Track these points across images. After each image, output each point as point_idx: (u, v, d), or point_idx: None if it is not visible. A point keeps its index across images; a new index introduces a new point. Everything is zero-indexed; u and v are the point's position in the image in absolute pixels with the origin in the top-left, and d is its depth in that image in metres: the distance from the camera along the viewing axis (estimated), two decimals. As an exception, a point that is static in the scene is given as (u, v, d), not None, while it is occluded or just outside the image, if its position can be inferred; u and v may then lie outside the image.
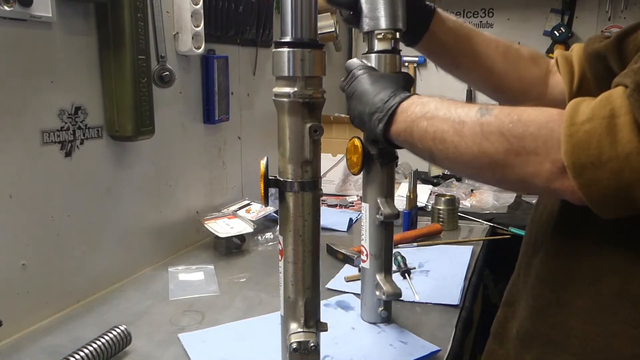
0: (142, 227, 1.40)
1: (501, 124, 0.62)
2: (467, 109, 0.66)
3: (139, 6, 1.19)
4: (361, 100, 0.80)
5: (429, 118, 0.69)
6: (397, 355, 0.99)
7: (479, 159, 0.64)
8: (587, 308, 0.69)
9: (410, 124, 0.72)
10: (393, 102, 0.75)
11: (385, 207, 1.01)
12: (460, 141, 0.65)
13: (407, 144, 0.74)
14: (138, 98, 1.23)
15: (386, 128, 0.75)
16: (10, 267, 1.05)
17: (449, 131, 0.67)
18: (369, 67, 0.87)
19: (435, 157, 0.70)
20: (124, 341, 0.99)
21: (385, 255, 1.05)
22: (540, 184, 0.61)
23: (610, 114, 0.55)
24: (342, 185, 2.22)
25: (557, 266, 0.73)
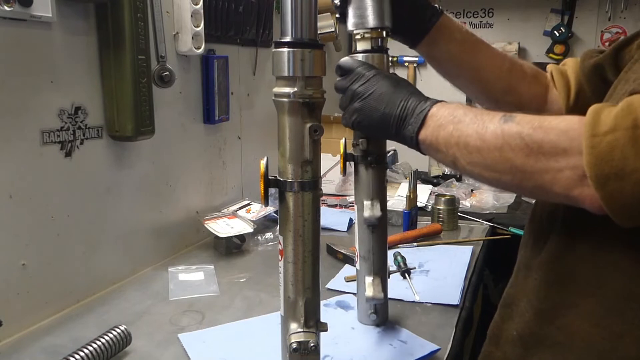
0: (142, 227, 1.40)
1: (522, 130, 0.63)
2: (492, 116, 0.67)
3: (139, 6, 1.19)
4: (386, 102, 0.78)
5: (456, 123, 0.70)
6: (397, 354, 0.99)
7: (500, 164, 0.65)
8: (593, 310, 0.69)
9: (437, 129, 0.72)
10: (424, 107, 0.75)
11: (367, 210, 1.00)
12: (483, 145, 0.66)
13: (432, 148, 0.74)
14: (138, 98, 1.23)
15: (417, 132, 0.74)
16: (10, 267, 1.05)
17: (472, 135, 0.67)
18: (374, 66, 0.85)
19: (458, 162, 0.70)
20: (124, 341, 0.99)
21: (374, 258, 1.04)
22: (559, 191, 0.61)
23: (633, 125, 0.55)
24: (342, 185, 2.22)
25: (561, 268, 0.73)
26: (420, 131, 0.74)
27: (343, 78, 0.84)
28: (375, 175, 1.01)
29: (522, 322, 0.78)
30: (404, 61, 2.99)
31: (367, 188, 1.01)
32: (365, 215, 1.00)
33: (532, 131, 0.62)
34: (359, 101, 0.80)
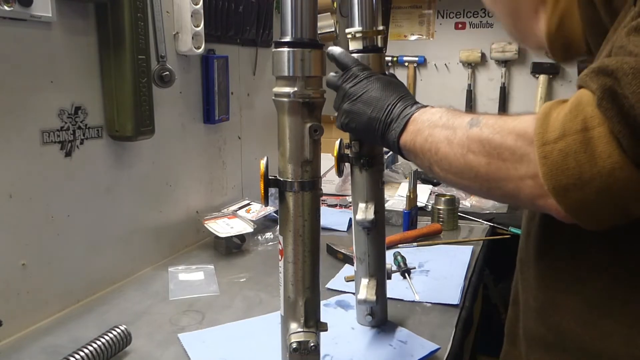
0: (142, 227, 1.40)
1: (482, 135, 0.60)
2: (462, 119, 0.65)
3: (139, 6, 1.19)
4: (374, 105, 0.77)
5: (432, 128, 0.69)
6: (397, 355, 0.99)
7: (465, 172, 0.63)
8: (579, 309, 0.67)
9: (415, 134, 0.71)
10: (409, 111, 0.74)
11: (361, 212, 1.00)
12: (450, 152, 0.64)
13: (411, 154, 0.73)
14: (138, 98, 1.23)
15: (398, 138, 0.74)
16: (10, 267, 1.05)
17: (443, 141, 0.66)
18: (368, 67, 0.85)
19: (432, 168, 0.69)
20: (124, 341, 0.99)
21: (369, 260, 1.04)
22: (525, 200, 0.58)
23: (582, 127, 0.52)
24: (342, 185, 2.22)
25: (546, 266, 0.72)
26: (402, 136, 0.73)
27: (336, 75, 0.83)
28: (370, 177, 1.01)
29: (524, 321, 0.78)
30: (403, 61, 2.99)
31: (362, 190, 1.02)
32: (358, 218, 1.00)
33: (492, 135, 0.59)
34: (349, 103, 0.79)
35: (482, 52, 2.80)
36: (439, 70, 2.93)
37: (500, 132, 0.59)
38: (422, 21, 2.94)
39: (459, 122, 0.65)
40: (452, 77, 2.90)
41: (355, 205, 1.03)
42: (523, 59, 2.75)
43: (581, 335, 0.67)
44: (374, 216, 1.00)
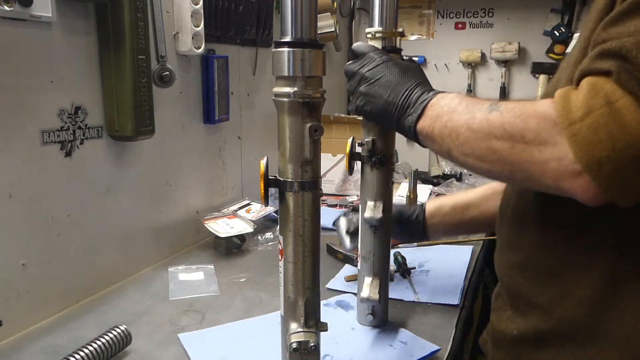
0: (142, 227, 1.40)
1: (504, 119, 0.62)
2: (482, 104, 0.66)
3: (139, 6, 1.19)
4: (391, 89, 0.77)
5: (450, 113, 0.69)
6: (397, 355, 0.99)
7: (487, 156, 0.64)
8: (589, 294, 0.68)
9: (434, 119, 0.71)
10: (426, 97, 0.74)
11: (369, 210, 1.00)
12: (471, 136, 0.65)
13: (429, 139, 0.73)
14: (138, 98, 1.23)
15: (415, 123, 0.74)
16: (10, 267, 1.05)
17: (463, 126, 0.66)
18: (385, 52, 0.84)
19: (452, 153, 0.69)
20: (124, 341, 0.99)
21: (374, 259, 1.04)
22: (549, 182, 0.60)
23: (606, 102, 0.54)
24: (342, 185, 2.22)
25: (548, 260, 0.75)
26: (419, 121, 0.73)
27: (354, 61, 0.83)
28: (380, 176, 1.01)
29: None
30: (404, 61, 2.99)
31: (372, 189, 1.02)
32: (366, 216, 1.00)
33: (514, 120, 0.61)
34: (365, 85, 0.79)
35: (482, 52, 2.80)
36: (439, 70, 2.93)
37: (521, 115, 0.60)
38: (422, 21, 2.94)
39: (479, 108, 0.66)
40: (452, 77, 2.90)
41: (364, 203, 1.03)
42: (523, 59, 2.74)
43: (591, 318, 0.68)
44: (382, 215, 1.00)
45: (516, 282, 0.79)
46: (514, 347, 0.79)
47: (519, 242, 0.79)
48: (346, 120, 2.31)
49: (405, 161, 2.53)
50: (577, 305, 0.70)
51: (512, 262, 0.81)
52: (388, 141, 1.01)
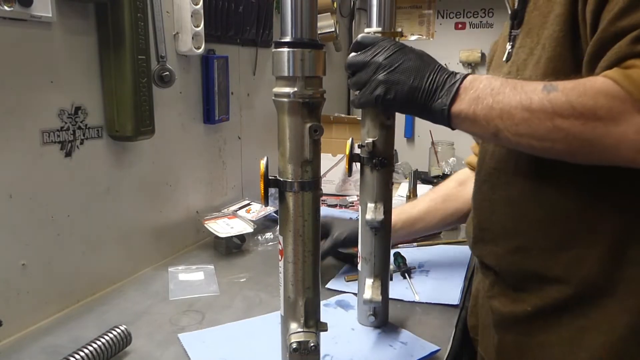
0: (142, 227, 1.40)
1: (569, 98, 0.64)
2: (533, 86, 0.67)
3: (139, 6, 1.19)
4: (415, 74, 0.75)
5: (495, 95, 0.69)
6: (397, 355, 0.99)
7: (553, 133, 0.65)
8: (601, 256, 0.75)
9: (474, 101, 0.71)
10: (455, 79, 0.73)
11: (370, 212, 1.00)
12: (531, 117, 0.66)
13: (469, 121, 0.73)
14: (138, 98, 1.23)
15: (450, 106, 0.73)
16: (10, 267, 1.05)
17: (517, 107, 0.67)
18: (397, 40, 0.83)
19: (501, 133, 0.69)
20: (124, 341, 0.99)
21: (375, 260, 1.04)
22: (626, 153, 0.63)
23: None
24: (342, 185, 2.22)
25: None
26: (454, 104, 0.73)
27: (362, 52, 0.80)
28: (381, 178, 1.01)
29: None
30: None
31: (372, 190, 1.01)
32: (368, 217, 1.00)
33: (581, 98, 0.63)
34: (385, 73, 0.77)
35: (482, 52, 2.80)
36: (439, 70, 2.93)
37: (587, 94, 0.63)
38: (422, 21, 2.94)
39: (531, 89, 0.67)
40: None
41: (364, 205, 1.02)
42: (523, 59, 2.75)
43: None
44: (383, 216, 1.00)
45: (522, 264, 0.82)
46: (529, 322, 0.82)
47: (519, 227, 0.82)
48: (346, 121, 2.31)
49: (405, 161, 2.53)
50: (594, 266, 0.74)
51: (514, 247, 0.83)
52: (388, 142, 1.00)
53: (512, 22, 0.89)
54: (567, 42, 0.73)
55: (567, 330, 0.78)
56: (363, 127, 1.01)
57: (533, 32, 0.81)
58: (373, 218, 0.99)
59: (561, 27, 0.73)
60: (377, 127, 0.99)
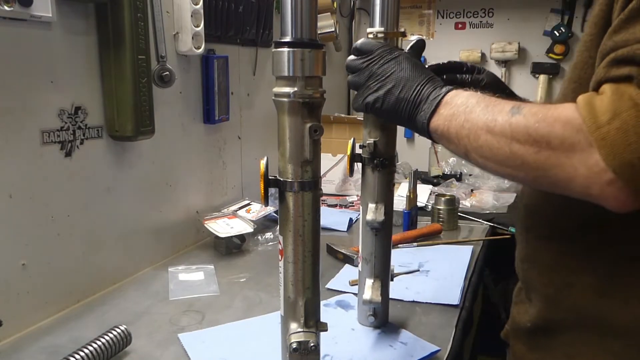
0: (142, 227, 1.40)
1: (528, 123, 0.60)
2: (502, 106, 0.64)
3: (139, 6, 1.19)
4: (403, 85, 0.75)
5: (467, 113, 0.67)
6: (397, 355, 0.99)
7: (511, 160, 0.62)
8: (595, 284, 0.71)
9: (449, 118, 0.69)
10: (439, 94, 0.72)
11: (371, 213, 1.00)
12: (492, 140, 0.63)
13: (444, 139, 0.72)
14: (138, 98, 1.23)
15: (429, 120, 0.72)
16: (10, 267, 1.05)
17: (482, 128, 0.65)
18: (395, 48, 0.83)
19: (469, 155, 0.68)
20: (124, 341, 0.99)
21: (375, 261, 1.04)
22: (578, 189, 0.58)
23: (633, 104, 0.53)
24: (342, 185, 2.22)
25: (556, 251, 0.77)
26: (432, 119, 0.72)
27: (360, 57, 0.81)
28: (382, 179, 1.01)
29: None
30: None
31: (373, 191, 1.01)
32: (368, 218, 1.00)
33: (538, 125, 0.59)
34: (376, 82, 0.77)
35: (482, 52, 2.80)
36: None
37: (545, 120, 0.59)
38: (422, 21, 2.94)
39: (499, 109, 0.64)
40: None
41: (365, 205, 1.02)
42: (523, 59, 2.74)
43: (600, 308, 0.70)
44: (384, 217, 1.00)
45: (527, 274, 0.82)
46: (530, 337, 0.82)
47: (527, 236, 0.81)
48: (346, 120, 2.31)
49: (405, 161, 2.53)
50: (582, 293, 0.71)
51: (523, 255, 0.83)
52: (390, 143, 1.00)
53: (585, 10, 0.85)
54: (594, 49, 0.65)
55: (558, 354, 0.77)
56: (365, 127, 1.01)
57: (586, 29, 0.76)
58: (374, 219, 0.99)
59: (592, 30, 0.67)
60: (378, 128, 0.99)
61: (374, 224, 1.00)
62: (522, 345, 0.85)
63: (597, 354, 0.71)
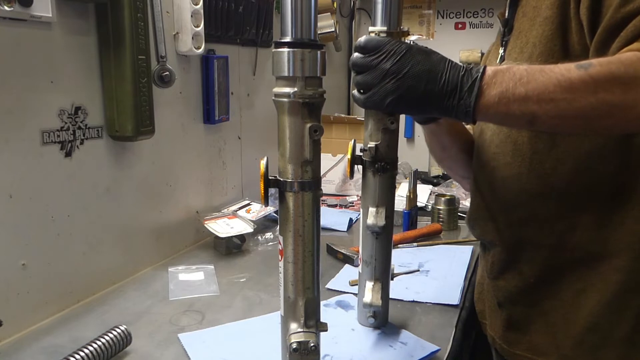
0: (142, 227, 1.40)
1: (611, 71, 0.67)
2: (565, 68, 0.69)
3: (139, 6, 1.19)
4: (426, 79, 0.74)
5: (526, 83, 0.70)
6: (397, 355, 0.99)
7: (597, 108, 0.67)
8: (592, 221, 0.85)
9: (504, 94, 0.71)
10: (474, 77, 0.72)
11: (372, 217, 0.98)
12: (573, 97, 0.68)
13: (500, 114, 0.73)
14: (138, 98, 1.23)
15: (476, 103, 0.72)
16: (10, 267, 1.05)
17: (555, 90, 0.68)
18: (403, 41, 0.80)
19: (538, 119, 0.71)
20: (124, 341, 0.99)
21: (376, 264, 1.04)
22: None
23: None
24: (342, 185, 2.22)
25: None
26: (479, 101, 0.72)
27: (368, 55, 0.77)
28: (383, 182, 0.99)
29: None
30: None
31: (374, 194, 1.00)
32: (369, 222, 0.98)
33: (624, 69, 0.66)
34: (394, 81, 0.74)
35: (482, 52, 2.80)
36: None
37: (624, 63, 0.67)
38: (422, 21, 2.94)
39: (563, 69, 0.69)
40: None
41: (365, 208, 1.01)
42: (523, 59, 2.75)
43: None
44: (385, 222, 0.99)
45: (520, 235, 0.90)
46: (533, 293, 0.90)
47: (519, 201, 0.89)
48: (346, 121, 2.31)
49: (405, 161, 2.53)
50: (586, 232, 0.83)
51: (513, 219, 0.91)
52: (391, 147, 0.98)
53: (503, 29, 0.97)
54: (557, 39, 0.82)
55: (567, 294, 0.86)
56: (366, 129, 0.99)
57: (522, 35, 0.89)
58: (374, 223, 0.98)
59: (550, 27, 0.82)
60: (379, 131, 0.97)
61: (374, 228, 0.99)
62: (522, 307, 0.92)
63: (606, 277, 0.82)
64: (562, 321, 0.87)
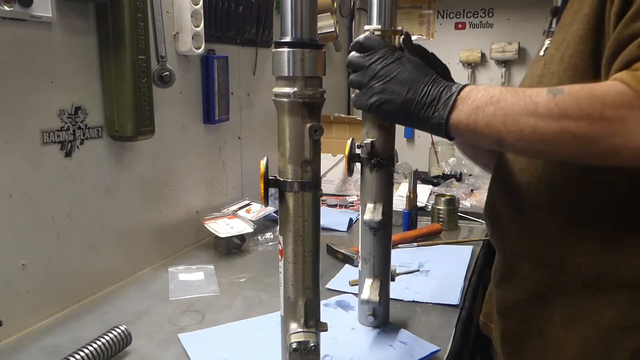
0: (142, 227, 1.40)
1: (577, 100, 0.64)
2: (536, 92, 0.68)
3: (139, 6, 1.19)
4: (409, 86, 0.75)
5: (495, 102, 0.69)
6: (397, 355, 0.99)
7: (559, 136, 0.65)
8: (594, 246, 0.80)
9: (473, 111, 0.71)
10: (452, 92, 0.73)
11: (369, 213, 0.99)
12: (537, 121, 0.66)
13: (469, 132, 0.73)
14: (138, 98, 1.23)
15: (448, 117, 0.73)
16: (10, 267, 1.05)
17: (521, 113, 0.67)
18: (397, 49, 0.82)
19: (504, 141, 0.70)
20: (124, 341, 0.99)
21: (374, 261, 1.04)
22: (632, 153, 0.63)
23: None
24: (342, 185, 2.22)
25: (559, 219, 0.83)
26: (451, 116, 0.73)
27: (363, 55, 0.80)
28: (380, 178, 1.00)
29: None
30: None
31: (371, 190, 1.01)
32: (366, 218, 0.99)
33: (589, 100, 0.63)
34: (381, 83, 0.77)
35: (482, 52, 2.80)
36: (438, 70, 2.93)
37: (595, 94, 0.64)
38: (422, 21, 2.94)
39: (534, 94, 0.68)
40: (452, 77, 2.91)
41: (363, 205, 1.02)
42: (523, 59, 2.75)
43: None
44: (382, 217, 0.99)
45: (522, 249, 0.87)
46: (526, 309, 0.86)
47: (524, 214, 0.86)
48: (346, 121, 2.31)
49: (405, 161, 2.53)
50: (585, 256, 0.78)
51: (517, 231, 0.87)
52: (388, 143, 1.00)
53: (551, 18, 0.91)
54: (589, 41, 0.74)
55: (560, 318, 0.82)
56: (364, 127, 1.01)
57: (563, 29, 0.82)
58: (371, 219, 0.99)
59: (585, 26, 0.75)
60: (376, 127, 0.99)
61: (371, 224, 1.00)
62: (515, 322, 0.89)
63: (602, 309, 0.77)
64: (555, 344, 0.82)
